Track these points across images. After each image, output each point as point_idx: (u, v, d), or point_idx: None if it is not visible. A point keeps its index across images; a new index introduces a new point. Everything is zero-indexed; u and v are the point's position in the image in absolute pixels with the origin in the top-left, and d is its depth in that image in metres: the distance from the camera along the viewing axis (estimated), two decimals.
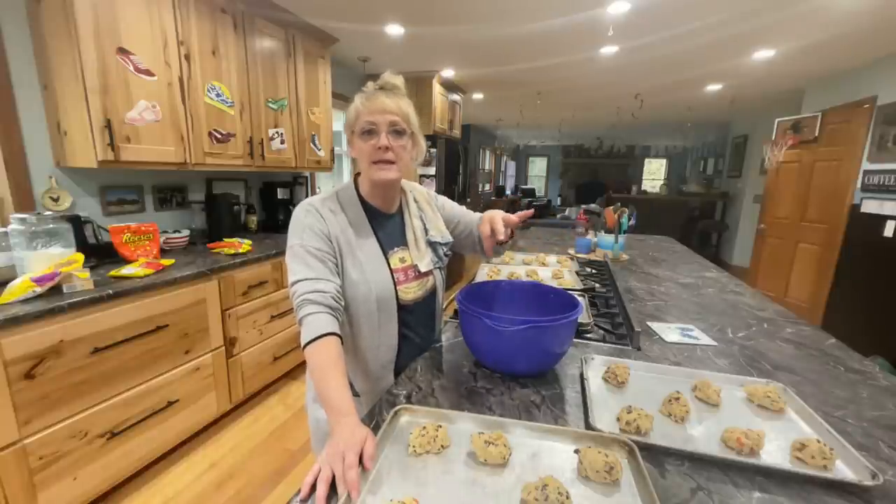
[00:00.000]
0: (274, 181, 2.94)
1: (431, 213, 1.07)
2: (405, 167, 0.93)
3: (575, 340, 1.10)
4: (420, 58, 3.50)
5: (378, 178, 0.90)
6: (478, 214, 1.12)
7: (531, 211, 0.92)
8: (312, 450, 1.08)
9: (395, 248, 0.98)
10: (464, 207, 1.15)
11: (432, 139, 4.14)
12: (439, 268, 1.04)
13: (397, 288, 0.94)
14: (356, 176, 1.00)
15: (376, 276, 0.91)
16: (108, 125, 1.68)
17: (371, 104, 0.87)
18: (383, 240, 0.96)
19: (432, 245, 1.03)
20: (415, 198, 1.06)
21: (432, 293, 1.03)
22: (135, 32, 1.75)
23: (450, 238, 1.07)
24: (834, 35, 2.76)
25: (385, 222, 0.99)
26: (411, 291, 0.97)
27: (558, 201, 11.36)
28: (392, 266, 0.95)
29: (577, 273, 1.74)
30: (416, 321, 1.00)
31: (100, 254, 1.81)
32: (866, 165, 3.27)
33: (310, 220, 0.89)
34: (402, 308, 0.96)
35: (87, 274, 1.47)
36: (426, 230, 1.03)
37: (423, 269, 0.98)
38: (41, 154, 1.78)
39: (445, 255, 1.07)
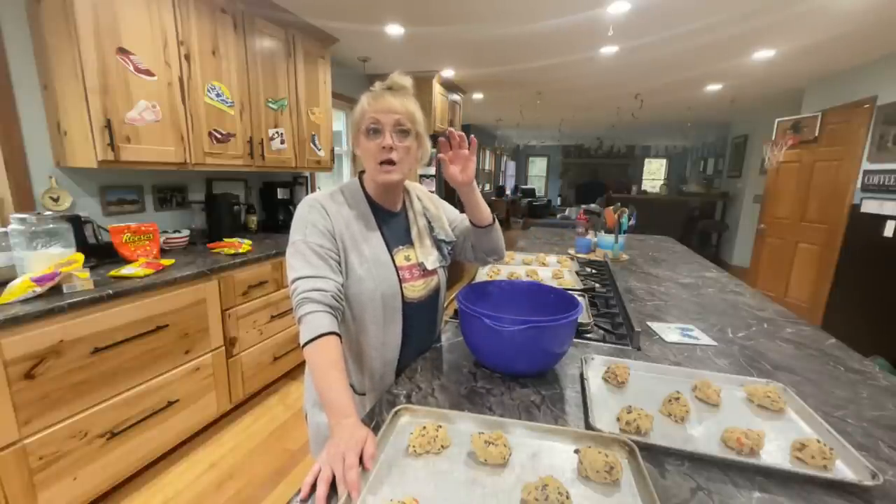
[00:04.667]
0: (274, 181, 2.94)
1: (435, 211, 1.06)
2: (409, 169, 0.93)
3: (575, 340, 1.10)
4: (420, 58, 3.49)
5: (381, 179, 0.91)
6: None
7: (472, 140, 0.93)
8: (312, 454, 1.08)
9: (400, 247, 0.97)
10: (463, 214, 1.15)
11: (433, 139, 4.09)
12: (443, 266, 1.04)
13: (402, 286, 0.94)
14: (361, 174, 1.00)
15: (382, 273, 0.91)
16: (108, 125, 1.68)
17: (377, 103, 0.87)
18: (388, 237, 0.96)
19: (437, 243, 1.03)
20: (418, 196, 1.06)
21: (436, 292, 1.03)
22: (135, 32, 1.75)
23: (453, 237, 1.07)
24: (834, 35, 2.76)
25: (390, 220, 0.99)
26: (416, 290, 0.97)
27: (558, 201, 11.36)
28: (397, 264, 0.95)
29: (577, 273, 1.74)
30: (419, 320, 1.00)
31: (100, 254, 1.81)
32: (866, 165, 3.27)
33: (314, 216, 0.88)
34: (407, 306, 0.95)
35: (87, 274, 1.47)
36: (431, 228, 1.03)
37: (429, 266, 0.98)
38: (41, 154, 1.78)
39: (449, 254, 1.06)
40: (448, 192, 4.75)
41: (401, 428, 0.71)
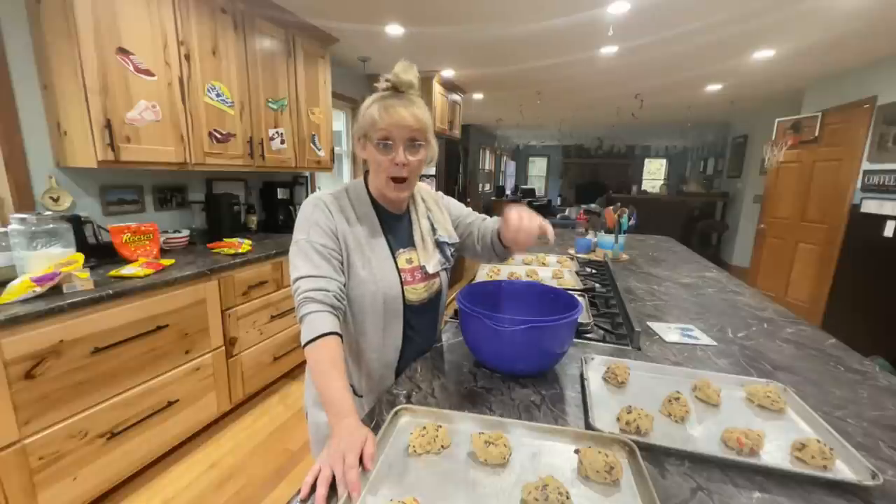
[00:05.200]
0: (274, 181, 2.94)
1: (439, 212, 1.05)
2: (417, 178, 0.93)
3: (575, 340, 1.10)
4: (420, 58, 3.49)
5: (391, 196, 0.91)
6: (479, 215, 1.11)
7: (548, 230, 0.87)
8: (312, 454, 1.07)
9: (403, 249, 0.97)
10: (469, 208, 1.14)
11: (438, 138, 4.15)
12: (446, 269, 1.03)
13: (404, 288, 0.94)
14: (366, 174, 0.98)
15: (384, 276, 0.91)
16: (108, 125, 1.68)
17: (389, 116, 0.83)
18: (391, 239, 0.95)
19: (440, 245, 1.02)
20: (422, 197, 1.05)
21: (437, 294, 1.02)
22: (135, 32, 1.75)
23: (457, 238, 1.06)
24: (834, 35, 2.75)
25: (394, 222, 0.98)
26: (418, 292, 0.96)
27: (558, 201, 11.35)
28: (399, 266, 0.94)
29: (577, 273, 1.74)
30: (419, 322, 1.00)
31: (100, 254, 1.81)
32: (866, 165, 3.27)
33: (317, 215, 0.88)
34: (408, 308, 0.95)
35: (87, 274, 1.47)
36: (434, 230, 1.02)
37: (430, 270, 0.97)
38: (41, 154, 1.78)
39: (452, 256, 1.05)
40: (448, 190, 4.75)
41: (401, 428, 0.71)
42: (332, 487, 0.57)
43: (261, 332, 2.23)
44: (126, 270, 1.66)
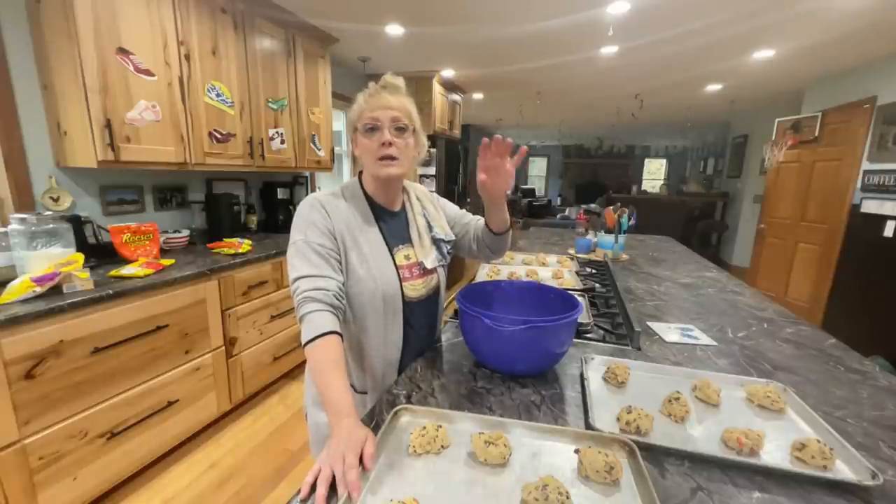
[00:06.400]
0: (274, 181, 2.94)
1: (434, 210, 1.06)
2: (408, 164, 0.94)
3: (575, 340, 1.10)
4: (420, 58, 3.49)
5: (382, 174, 0.91)
6: (474, 216, 1.12)
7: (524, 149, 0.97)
8: (312, 454, 1.08)
9: (400, 246, 0.98)
10: (464, 210, 1.16)
11: (432, 139, 4.14)
12: (442, 266, 1.04)
13: (402, 285, 0.94)
14: (360, 174, 1.00)
15: (382, 273, 0.91)
16: (108, 125, 1.68)
17: (374, 101, 0.89)
18: (388, 236, 0.96)
19: (436, 242, 1.03)
20: (417, 196, 1.06)
21: (436, 291, 1.03)
22: (135, 32, 1.75)
23: (452, 236, 1.07)
24: (834, 35, 2.75)
25: (390, 220, 0.99)
26: (416, 289, 0.97)
27: (558, 201, 11.34)
28: (397, 263, 0.95)
29: (577, 273, 1.74)
30: (419, 319, 1.00)
31: (100, 254, 1.81)
32: (866, 165, 3.27)
33: (314, 215, 0.89)
34: (407, 305, 0.95)
35: (87, 274, 1.47)
36: (430, 227, 1.03)
37: (428, 265, 0.98)
38: (41, 154, 1.78)
39: (448, 253, 1.06)
40: (448, 190, 4.75)
41: (401, 428, 0.71)
42: (332, 487, 0.57)
43: (261, 332, 2.23)
44: (126, 270, 1.66)
